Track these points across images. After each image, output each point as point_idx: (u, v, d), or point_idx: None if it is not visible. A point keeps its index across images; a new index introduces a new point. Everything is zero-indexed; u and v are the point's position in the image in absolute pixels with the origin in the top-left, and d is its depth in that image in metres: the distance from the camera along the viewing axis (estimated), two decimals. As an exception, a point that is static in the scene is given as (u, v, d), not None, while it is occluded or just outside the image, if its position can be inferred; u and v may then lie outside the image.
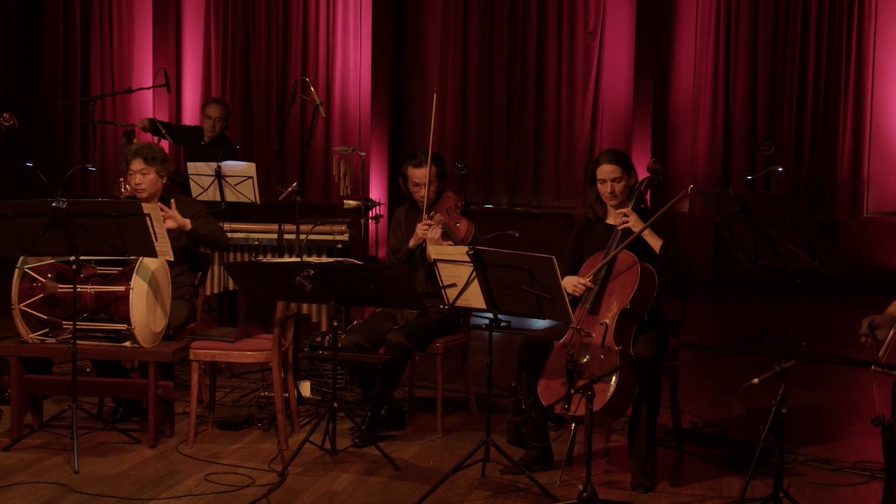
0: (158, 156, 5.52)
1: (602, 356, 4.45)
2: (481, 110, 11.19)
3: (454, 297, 4.50)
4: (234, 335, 5.15)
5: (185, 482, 4.55)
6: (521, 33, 11.00)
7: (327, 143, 11.31)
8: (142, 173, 5.48)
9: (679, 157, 10.80)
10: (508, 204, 11.20)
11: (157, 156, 5.50)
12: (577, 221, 5.02)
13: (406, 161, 5.53)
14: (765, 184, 9.52)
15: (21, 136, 11.00)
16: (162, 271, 5.19)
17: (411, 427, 5.47)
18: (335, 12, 11.43)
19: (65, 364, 5.33)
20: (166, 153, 5.69)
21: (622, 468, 4.78)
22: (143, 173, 5.48)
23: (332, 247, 6.77)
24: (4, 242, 4.78)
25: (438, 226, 5.28)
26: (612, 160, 4.81)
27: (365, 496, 4.43)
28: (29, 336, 5.09)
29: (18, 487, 4.44)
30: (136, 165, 5.47)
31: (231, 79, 11.70)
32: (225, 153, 7.57)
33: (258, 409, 5.63)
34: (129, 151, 5.53)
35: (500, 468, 4.68)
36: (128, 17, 12.13)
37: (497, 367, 4.66)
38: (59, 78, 12.33)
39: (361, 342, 5.21)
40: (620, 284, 4.58)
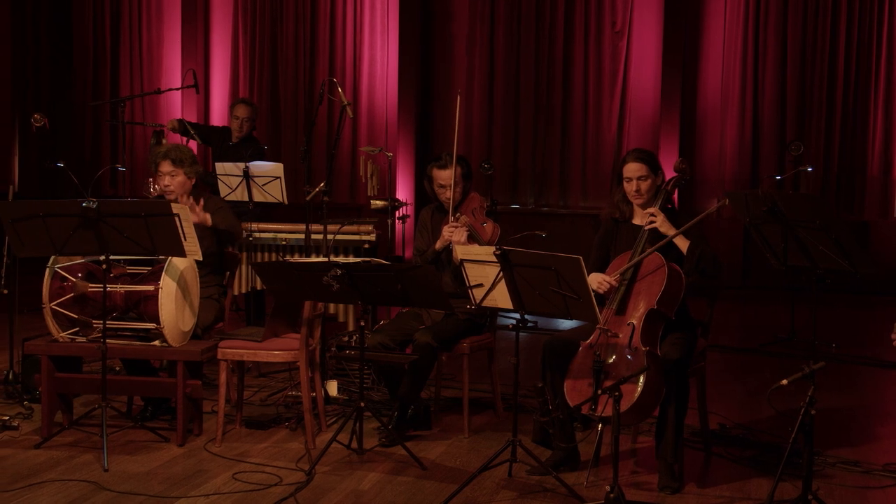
0: (187, 157, 5.56)
1: (629, 357, 4.44)
2: (508, 110, 11.18)
3: (481, 297, 4.50)
4: (262, 335, 5.17)
5: (213, 480, 4.58)
6: (548, 33, 10.99)
7: (354, 143, 11.34)
8: (170, 175, 5.52)
9: (707, 157, 10.75)
10: (535, 204, 11.19)
11: (185, 157, 5.54)
12: (603, 221, 5.01)
13: (431, 163, 5.54)
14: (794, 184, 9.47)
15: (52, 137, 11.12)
16: (190, 271, 5.22)
17: (438, 427, 5.48)
18: (362, 13, 11.46)
19: (95, 363, 5.37)
20: (194, 154, 5.73)
21: (649, 469, 4.76)
22: (172, 175, 5.52)
23: (359, 247, 6.78)
24: (36, 242, 4.82)
25: (464, 227, 5.29)
26: (638, 158, 4.80)
27: (392, 496, 4.44)
28: (59, 335, 5.13)
29: (49, 485, 4.48)
30: (164, 167, 5.52)
31: (259, 79, 11.75)
32: (253, 153, 7.61)
33: (286, 409, 5.65)
34: (158, 153, 5.57)
35: (526, 468, 4.67)
36: (157, 19, 12.22)
37: (523, 368, 4.65)
38: (89, 79, 12.44)
39: (388, 342, 5.22)
40: (647, 285, 4.57)
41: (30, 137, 12.19)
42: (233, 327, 5.82)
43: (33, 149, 12.30)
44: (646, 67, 10.82)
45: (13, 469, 4.67)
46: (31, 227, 4.78)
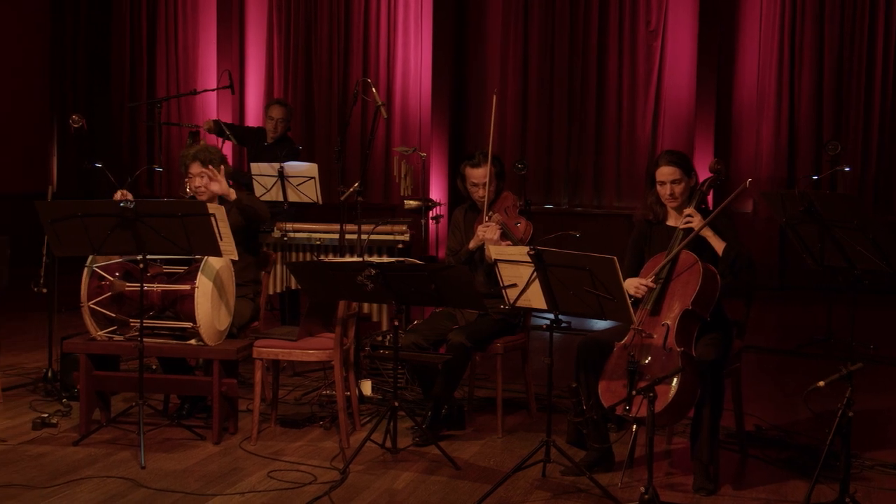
0: (216, 157, 5.60)
1: (664, 358, 4.42)
2: (542, 110, 11.16)
3: (515, 297, 4.50)
4: (297, 334, 5.20)
5: (248, 478, 4.61)
6: (582, 33, 10.96)
7: (388, 143, 11.36)
8: (200, 176, 5.56)
9: (743, 157, 10.67)
10: (569, 204, 11.16)
11: (213, 157, 5.59)
12: (637, 224, 4.99)
13: (464, 161, 5.54)
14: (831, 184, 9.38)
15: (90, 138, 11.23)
16: (226, 271, 5.26)
17: (471, 427, 5.48)
18: (396, 13, 11.49)
19: (132, 361, 5.42)
20: (223, 153, 5.77)
21: (684, 471, 4.74)
22: (202, 176, 5.56)
23: (392, 247, 6.80)
24: (74, 242, 4.88)
25: (497, 226, 5.29)
26: (671, 162, 4.78)
27: (425, 495, 4.45)
28: (97, 333, 5.19)
29: (87, 481, 4.53)
30: (194, 169, 5.57)
31: (293, 80, 11.81)
32: (288, 154, 7.64)
33: (320, 408, 5.68)
34: (187, 156, 5.61)
35: (560, 469, 4.67)
36: (192, 20, 12.31)
37: (557, 368, 4.64)
38: (127, 80, 12.56)
39: (421, 342, 5.23)
40: (682, 285, 4.55)
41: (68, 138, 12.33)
42: (268, 326, 5.86)
43: (71, 150, 12.43)
44: (680, 67, 10.76)
45: (52, 466, 4.73)
46: (70, 227, 4.83)
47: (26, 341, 7.43)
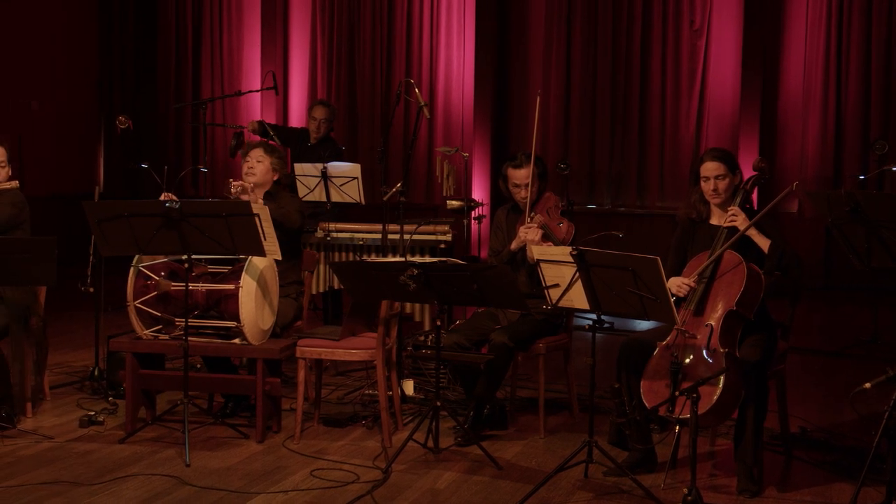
0: (277, 152, 5.74)
1: (707, 358, 4.39)
2: (585, 110, 11.12)
3: (557, 297, 4.49)
4: (340, 333, 5.22)
5: (291, 477, 4.64)
6: (625, 32, 10.91)
7: (431, 143, 11.38)
8: (257, 160, 5.64)
9: (788, 157, 10.56)
10: (612, 204, 11.11)
11: (276, 151, 5.74)
12: (680, 222, 4.96)
13: (506, 162, 5.54)
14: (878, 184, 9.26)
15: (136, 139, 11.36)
16: (270, 270, 5.29)
17: (513, 427, 5.48)
18: (439, 14, 11.50)
19: (177, 360, 5.47)
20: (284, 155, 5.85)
21: (728, 472, 4.71)
22: (259, 160, 5.64)
23: (435, 247, 6.81)
24: (121, 242, 4.94)
25: (539, 227, 5.28)
26: (715, 157, 4.75)
27: (468, 495, 4.45)
28: (143, 332, 5.24)
29: (133, 479, 4.58)
30: (255, 153, 5.68)
31: (336, 81, 11.86)
32: (331, 154, 7.68)
33: (363, 407, 5.70)
34: (252, 143, 5.75)
35: (602, 470, 4.65)
36: (237, 22, 12.41)
37: (600, 369, 4.63)
38: (172, 82, 12.69)
39: (463, 342, 5.23)
40: (726, 285, 4.51)
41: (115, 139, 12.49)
42: (311, 326, 5.89)
43: (118, 150, 12.59)
44: (725, 66, 10.67)
45: (99, 463, 4.79)
46: (116, 227, 4.89)
47: (74, 340, 7.53)
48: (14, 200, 5.50)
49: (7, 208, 5.44)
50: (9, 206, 5.45)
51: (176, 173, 8.35)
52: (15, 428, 5.26)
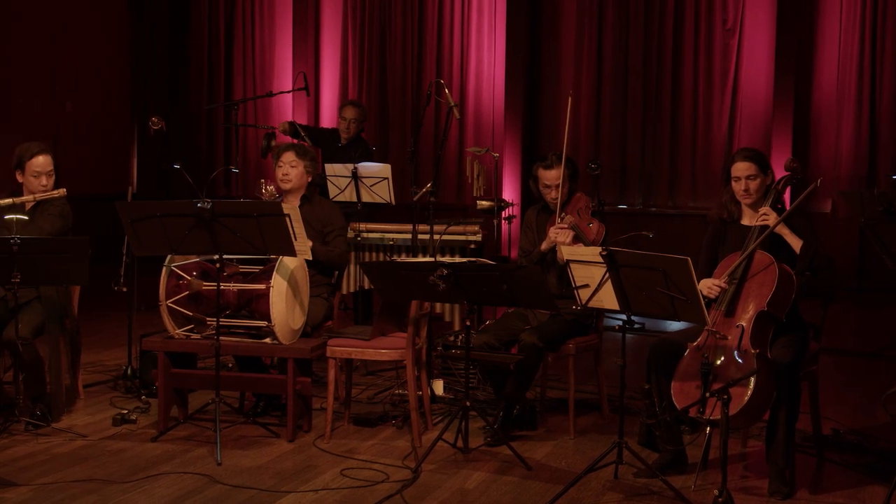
0: (310, 154, 5.76)
1: (738, 359, 4.36)
2: (616, 109, 11.08)
3: (587, 297, 4.48)
4: (370, 333, 5.24)
5: (321, 476, 4.66)
6: (657, 32, 10.86)
7: (461, 144, 11.39)
8: (291, 165, 5.67)
9: (822, 156, 10.47)
10: (643, 204, 11.07)
11: (308, 153, 5.75)
12: (711, 222, 4.93)
13: (537, 163, 5.53)
14: (913, 183, 9.17)
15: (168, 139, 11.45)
16: (301, 270, 5.32)
17: (543, 427, 5.47)
18: (470, 14, 11.51)
19: (208, 359, 5.51)
20: (316, 156, 5.87)
21: (759, 474, 4.68)
22: (293, 165, 5.67)
23: (465, 247, 6.81)
24: (153, 242, 4.97)
25: (569, 228, 5.27)
26: (747, 157, 4.72)
27: (497, 495, 4.45)
28: (175, 332, 5.28)
29: (165, 477, 4.62)
30: (287, 157, 5.68)
31: (367, 81, 11.90)
32: (361, 155, 7.70)
33: (392, 407, 5.72)
34: (283, 146, 5.76)
35: (633, 471, 4.64)
36: (269, 24, 12.48)
37: (630, 369, 4.61)
38: (205, 83, 12.79)
39: (493, 342, 5.23)
40: (757, 286, 4.49)
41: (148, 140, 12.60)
42: (341, 326, 5.91)
43: (151, 151, 12.70)
44: (757, 65, 10.61)
45: (131, 461, 4.83)
46: (149, 227, 4.93)
47: (107, 339, 7.60)
48: (62, 212, 5.54)
49: (57, 220, 5.49)
50: (58, 218, 5.50)
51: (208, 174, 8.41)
52: (49, 426, 5.32)
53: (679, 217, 10.85)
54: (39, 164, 5.52)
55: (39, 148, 5.57)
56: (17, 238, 4.93)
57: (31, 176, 5.52)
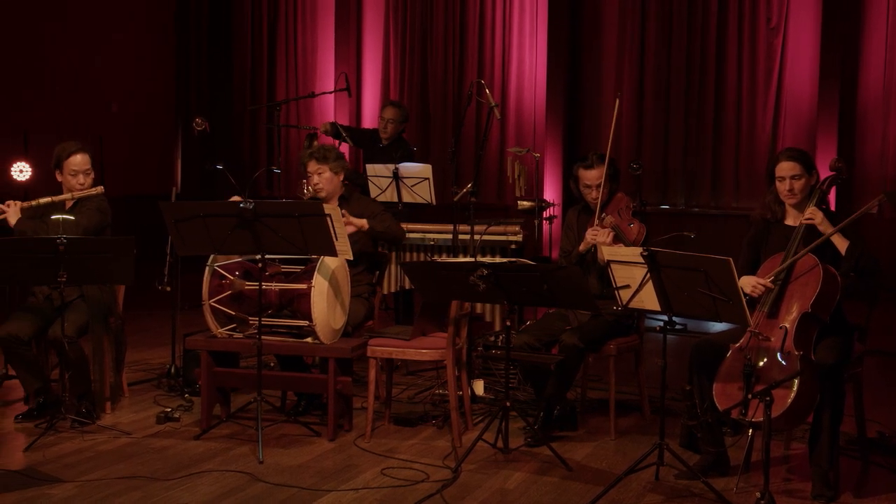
0: (330, 154, 5.73)
1: (781, 361, 4.33)
2: (658, 109, 11.01)
3: (628, 298, 4.47)
4: (410, 333, 5.25)
5: (362, 475, 4.68)
6: (700, 31, 10.77)
7: (502, 144, 11.38)
8: (317, 173, 5.69)
9: (868, 157, 10.33)
10: (685, 205, 10.98)
11: (328, 154, 5.72)
12: (754, 222, 4.89)
13: (577, 163, 5.52)
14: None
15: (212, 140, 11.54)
16: (342, 270, 5.34)
17: (584, 428, 5.46)
18: (511, 14, 11.49)
19: (251, 358, 5.55)
20: (340, 152, 5.88)
21: (803, 477, 4.64)
22: (319, 173, 5.69)
23: (505, 247, 6.80)
24: (196, 241, 5.02)
25: (609, 229, 5.25)
26: (791, 157, 4.68)
27: (537, 495, 4.45)
28: (218, 331, 5.33)
29: (208, 475, 4.66)
30: (311, 167, 5.71)
31: (409, 82, 11.92)
32: (402, 155, 7.72)
33: (433, 406, 5.73)
34: (305, 155, 5.78)
35: (674, 472, 4.62)
36: (311, 25, 12.54)
37: (671, 370, 4.59)
38: (248, 84, 12.88)
39: (533, 342, 5.23)
40: (801, 287, 4.44)
41: (192, 140, 12.72)
42: (382, 326, 5.93)
43: (195, 151, 12.82)
44: (802, 64, 10.48)
45: (175, 459, 4.89)
46: (192, 227, 4.98)
47: (151, 338, 7.68)
48: (100, 206, 5.63)
49: (95, 214, 5.57)
50: (96, 213, 5.58)
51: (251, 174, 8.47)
52: (95, 424, 5.39)
53: (722, 217, 10.75)
54: (77, 162, 5.60)
55: (76, 147, 5.64)
56: (63, 238, 4.99)
57: (69, 174, 5.59)
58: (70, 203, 5.60)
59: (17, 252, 5.04)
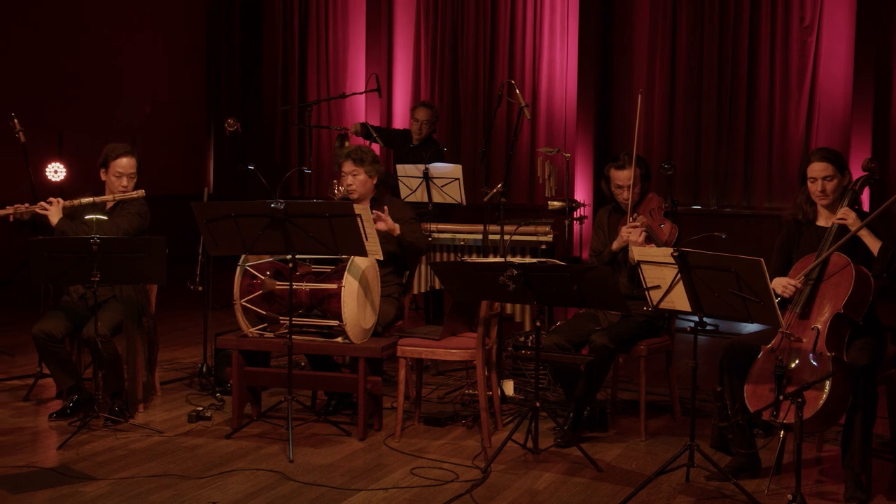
0: (367, 157, 5.73)
1: (813, 362, 4.29)
2: (690, 109, 10.95)
3: (658, 299, 4.45)
4: (440, 333, 5.26)
5: (391, 475, 4.69)
6: (732, 29, 10.70)
7: (533, 144, 11.36)
8: (352, 175, 5.70)
9: (902, 156, 10.23)
10: (718, 205, 10.92)
11: (365, 157, 5.72)
12: (785, 223, 4.86)
13: (609, 163, 5.50)
14: None
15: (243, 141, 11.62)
16: (372, 270, 5.36)
17: (614, 429, 5.44)
18: (542, 14, 11.47)
19: (281, 358, 5.58)
20: (376, 154, 5.89)
21: (835, 479, 4.60)
22: (354, 174, 5.69)
23: (536, 247, 6.80)
24: (228, 241, 5.05)
25: (642, 228, 5.24)
26: (823, 158, 4.64)
27: (567, 496, 4.44)
28: (249, 330, 5.36)
29: (238, 473, 4.69)
30: (346, 167, 5.71)
31: (440, 82, 11.93)
32: (433, 155, 7.73)
33: (462, 407, 5.73)
34: (341, 154, 5.78)
35: (704, 474, 4.59)
36: (342, 25, 12.59)
37: (702, 371, 4.58)
38: (279, 85, 12.94)
39: (563, 343, 5.22)
40: (833, 287, 4.41)
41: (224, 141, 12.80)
42: (412, 325, 5.94)
43: (227, 152, 12.90)
44: (836, 63, 10.39)
45: (206, 457, 4.92)
46: (224, 228, 5.01)
47: (183, 337, 7.73)
48: (140, 210, 5.68)
49: (135, 218, 5.63)
50: (136, 217, 5.64)
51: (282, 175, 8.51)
52: (127, 422, 5.43)
53: (755, 218, 10.68)
54: (123, 165, 5.66)
55: (125, 149, 5.71)
56: (96, 238, 5.04)
57: (114, 176, 5.66)
58: (111, 205, 5.66)
59: (53, 252, 5.11)
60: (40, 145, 9.32)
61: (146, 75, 12.13)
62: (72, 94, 11.15)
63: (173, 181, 12.03)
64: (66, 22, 11.14)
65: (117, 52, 11.74)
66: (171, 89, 12.53)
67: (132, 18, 11.94)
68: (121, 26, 11.79)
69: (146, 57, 12.14)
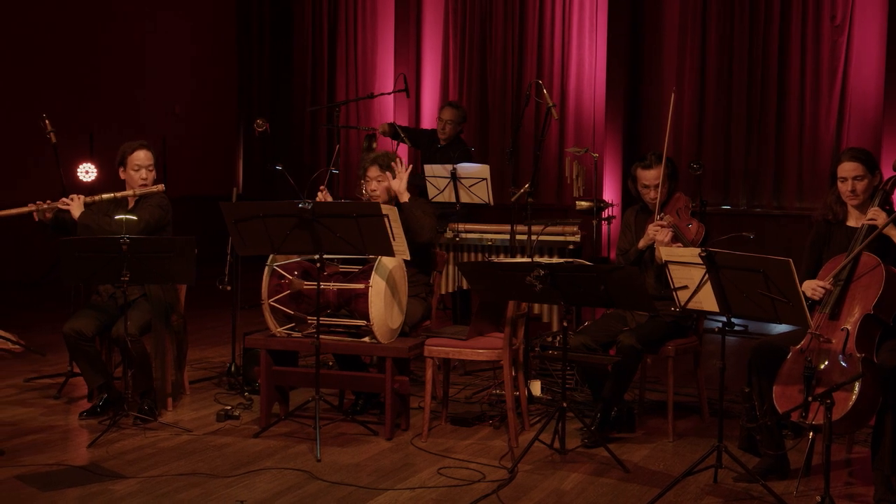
0: (391, 161, 5.74)
1: (843, 363, 4.26)
2: (719, 108, 10.88)
3: (686, 299, 4.43)
4: (467, 333, 5.26)
5: (418, 474, 4.70)
6: (762, 28, 10.63)
7: (561, 144, 11.34)
8: (377, 180, 5.71)
9: (936, 156, 10.13)
10: (747, 205, 10.84)
11: (390, 161, 5.72)
12: (815, 224, 4.83)
13: (636, 163, 5.49)
14: None
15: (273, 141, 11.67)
16: (399, 270, 5.37)
17: (641, 430, 5.43)
18: (571, 14, 11.45)
19: (309, 357, 5.60)
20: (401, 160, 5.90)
21: (865, 481, 4.56)
22: (379, 180, 5.71)
23: (563, 247, 6.79)
24: (256, 241, 5.08)
25: (668, 227, 5.22)
26: (854, 158, 4.61)
27: (594, 496, 4.43)
28: (277, 330, 5.39)
29: (266, 472, 4.71)
30: (372, 172, 5.72)
31: (468, 82, 11.93)
32: (460, 155, 7.73)
33: (489, 407, 5.73)
34: (367, 159, 5.79)
35: (732, 475, 4.57)
36: (371, 26, 12.62)
37: (731, 372, 4.54)
38: (308, 85, 12.99)
39: (590, 343, 5.21)
40: (863, 288, 4.37)
41: (253, 141, 12.87)
42: (439, 325, 5.94)
43: (256, 152, 12.96)
44: (867, 62, 10.29)
45: (234, 456, 4.95)
46: (252, 228, 5.04)
47: (212, 336, 7.78)
48: (160, 203, 5.73)
49: (156, 210, 5.68)
50: (157, 209, 5.69)
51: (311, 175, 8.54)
52: (156, 421, 5.48)
53: (785, 218, 10.60)
54: (140, 158, 5.73)
55: (140, 143, 5.82)
56: (126, 238, 5.09)
57: (132, 169, 5.73)
58: (132, 201, 5.72)
59: (83, 252, 5.15)
60: (71, 146, 9.42)
61: (177, 76, 12.21)
62: (103, 95, 11.25)
63: (203, 182, 12.11)
64: (96, 23, 11.23)
65: (148, 54, 11.83)
66: (202, 90, 12.61)
67: (163, 20, 12.03)
68: (151, 27, 11.87)
69: (177, 58, 12.22)
